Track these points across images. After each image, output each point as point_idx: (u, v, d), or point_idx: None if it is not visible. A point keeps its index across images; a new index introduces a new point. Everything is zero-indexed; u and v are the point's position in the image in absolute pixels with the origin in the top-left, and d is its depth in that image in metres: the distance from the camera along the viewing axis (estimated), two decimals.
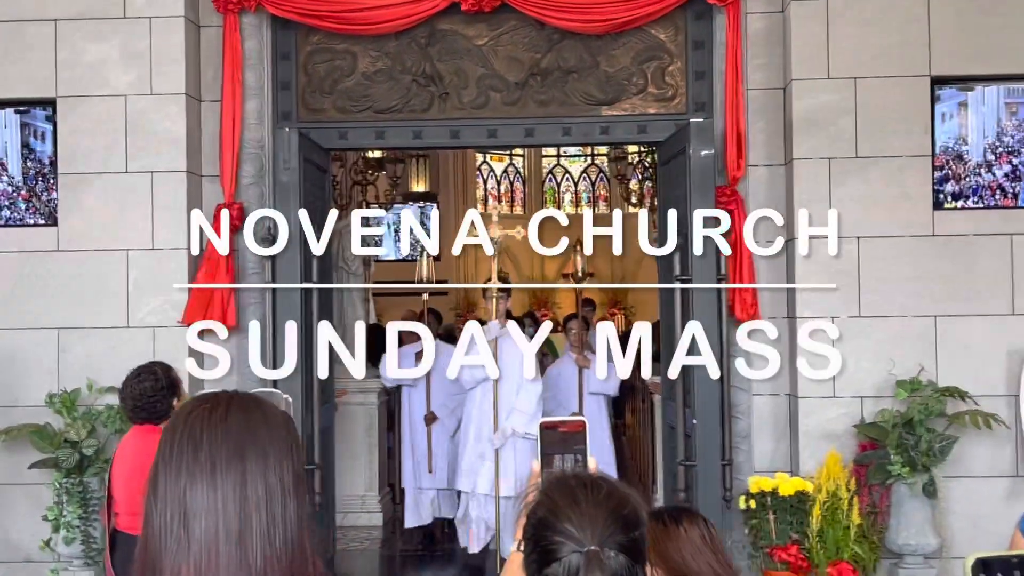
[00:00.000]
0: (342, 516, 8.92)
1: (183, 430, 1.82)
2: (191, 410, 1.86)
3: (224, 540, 1.74)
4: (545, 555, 1.91)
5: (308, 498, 1.87)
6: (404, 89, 7.76)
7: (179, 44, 7.31)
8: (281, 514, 1.78)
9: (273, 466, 1.80)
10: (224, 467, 1.77)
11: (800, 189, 7.06)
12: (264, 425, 1.84)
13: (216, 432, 1.80)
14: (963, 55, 7.06)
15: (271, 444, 1.82)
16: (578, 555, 1.89)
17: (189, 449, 1.79)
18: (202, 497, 1.76)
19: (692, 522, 2.82)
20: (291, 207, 7.24)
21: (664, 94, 7.68)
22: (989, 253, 7.03)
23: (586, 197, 23.42)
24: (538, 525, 1.95)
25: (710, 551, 2.78)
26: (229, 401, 1.86)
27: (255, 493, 1.77)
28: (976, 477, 6.97)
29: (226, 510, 1.75)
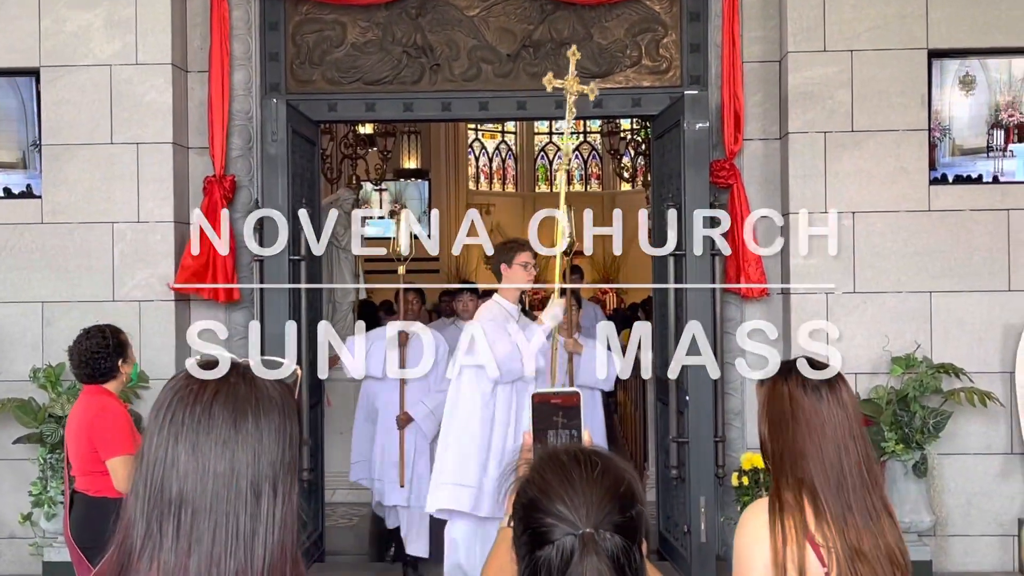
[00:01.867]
0: (331, 492, 8.85)
1: (167, 410, 1.68)
2: (177, 388, 1.71)
3: (196, 543, 1.61)
4: (536, 538, 1.83)
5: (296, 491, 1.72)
6: (394, 60, 7.64)
7: (165, 13, 7.19)
8: (264, 516, 1.64)
9: (259, 459, 1.65)
10: (205, 458, 1.63)
11: (795, 163, 6.98)
12: (253, 411, 1.68)
13: (199, 419, 1.65)
14: (961, 28, 6.97)
15: (258, 434, 1.67)
16: (572, 538, 1.81)
17: (171, 434, 1.65)
18: (179, 491, 1.62)
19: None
20: (279, 180, 7.14)
21: (658, 67, 7.58)
22: (985, 229, 6.96)
23: (579, 175, 23.33)
24: (529, 506, 1.87)
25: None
26: (219, 381, 1.70)
27: (236, 492, 1.63)
28: (970, 454, 6.92)
29: (201, 509, 1.62)
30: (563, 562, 1.79)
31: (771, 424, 2.77)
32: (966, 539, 6.92)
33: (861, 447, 2.71)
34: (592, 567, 1.79)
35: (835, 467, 2.66)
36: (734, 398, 7.22)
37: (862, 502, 2.66)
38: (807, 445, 2.68)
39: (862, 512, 2.65)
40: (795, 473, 2.69)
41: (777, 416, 2.75)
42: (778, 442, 2.74)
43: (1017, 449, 6.92)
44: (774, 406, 2.77)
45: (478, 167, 22.21)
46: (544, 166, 23.30)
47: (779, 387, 2.77)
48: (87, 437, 5.09)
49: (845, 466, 2.67)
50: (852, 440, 2.69)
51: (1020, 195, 6.98)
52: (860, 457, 2.69)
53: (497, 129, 22.28)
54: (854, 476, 2.67)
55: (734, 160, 7.18)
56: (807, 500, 2.66)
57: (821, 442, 2.68)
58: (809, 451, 2.68)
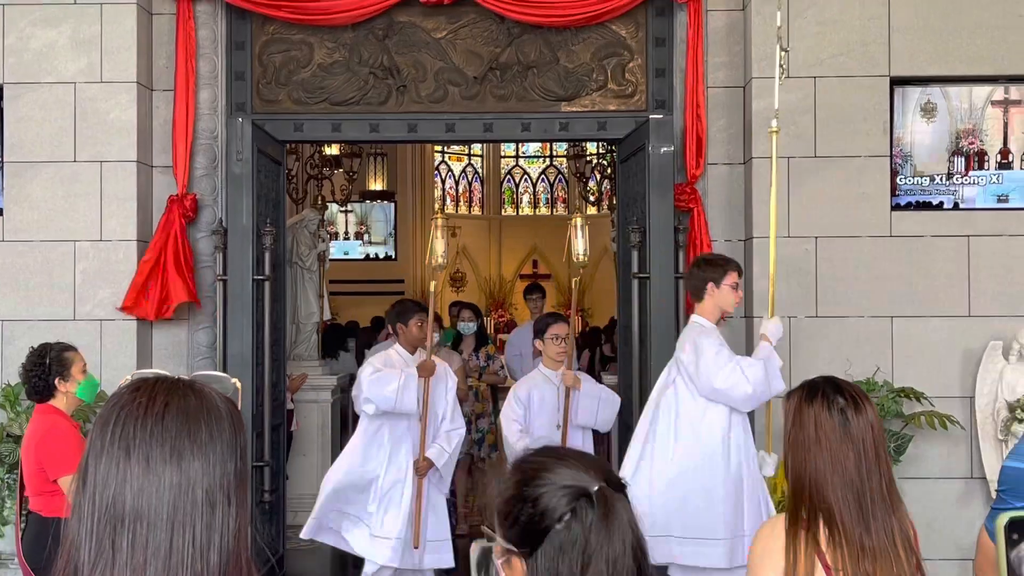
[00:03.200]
0: (293, 515, 8.78)
1: (115, 425, 1.65)
2: (124, 402, 1.68)
3: (152, 556, 1.59)
4: (545, 513, 1.75)
5: (250, 500, 1.71)
6: (361, 81, 7.65)
7: (131, 31, 7.17)
8: (219, 524, 1.63)
9: (213, 469, 1.64)
10: (159, 471, 1.61)
11: (758, 187, 7.02)
12: (205, 421, 1.66)
13: (151, 430, 1.63)
14: (922, 56, 7.06)
15: (212, 444, 1.65)
16: (588, 499, 1.74)
17: (120, 448, 1.62)
18: (132, 505, 1.60)
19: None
20: (243, 199, 7.11)
21: (624, 91, 7.63)
22: (946, 255, 7.03)
23: (545, 198, 23.39)
24: (531, 483, 1.79)
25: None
26: (167, 392, 1.68)
27: (191, 501, 1.61)
28: (931, 478, 6.97)
29: (157, 520, 1.60)
30: (585, 526, 1.73)
31: (794, 447, 2.78)
32: (927, 563, 6.94)
33: (885, 470, 2.73)
34: (617, 521, 1.74)
35: (857, 492, 2.68)
36: None
37: (881, 526, 2.68)
38: (830, 471, 2.69)
39: (879, 536, 2.67)
40: (815, 498, 2.71)
41: (801, 439, 2.76)
42: (800, 465, 2.76)
43: (977, 473, 6.97)
44: (798, 429, 2.77)
45: (444, 189, 22.22)
46: (510, 189, 23.35)
47: (804, 409, 2.78)
48: (35, 457, 5.06)
49: (868, 490, 2.68)
50: (876, 463, 2.71)
51: (980, 222, 7.06)
52: (883, 479, 2.71)
53: (464, 152, 22.31)
54: (876, 500, 2.68)
55: (695, 184, 7.22)
56: (823, 523, 2.68)
57: (844, 467, 2.69)
58: (831, 477, 2.69)
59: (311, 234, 9.94)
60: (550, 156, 23.11)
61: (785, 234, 6.97)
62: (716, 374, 5.46)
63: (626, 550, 1.74)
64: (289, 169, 12.10)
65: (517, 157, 23.25)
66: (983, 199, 7.14)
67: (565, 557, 1.73)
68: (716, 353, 5.51)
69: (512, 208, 23.34)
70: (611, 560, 1.73)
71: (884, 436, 2.80)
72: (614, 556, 1.73)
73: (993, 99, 7.16)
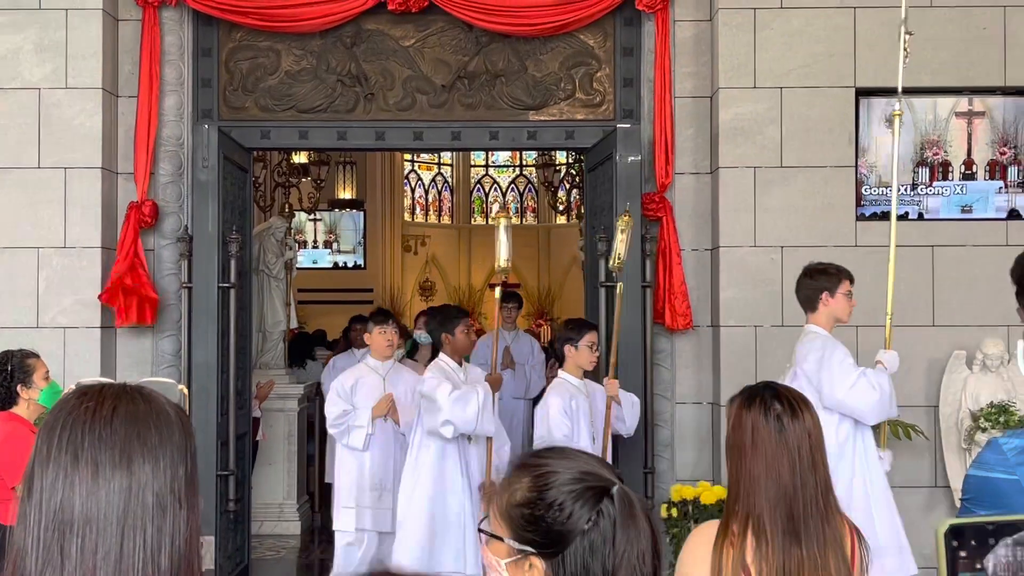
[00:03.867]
0: (259, 524, 8.74)
1: (62, 430, 1.62)
2: (71, 407, 1.65)
3: (102, 561, 1.56)
4: (571, 515, 1.75)
5: (200, 506, 1.70)
6: (329, 89, 7.63)
7: (96, 37, 7.12)
8: (169, 528, 1.61)
9: (164, 472, 1.62)
10: (108, 475, 1.59)
11: (725, 197, 7.05)
12: (154, 424, 1.64)
13: (99, 434, 1.61)
14: (888, 68, 7.09)
15: (162, 447, 1.63)
16: (609, 498, 1.75)
17: (68, 453, 1.60)
18: (81, 509, 1.58)
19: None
20: (209, 206, 7.08)
21: (592, 100, 7.64)
22: (910, 265, 7.07)
23: (515, 208, 23.40)
24: (549, 486, 1.79)
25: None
26: (116, 397, 1.66)
27: (141, 505, 1.59)
28: (896, 487, 6.98)
29: (107, 525, 1.58)
30: (611, 524, 1.74)
31: (731, 452, 2.79)
32: None
33: (821, 477, 2.73)
34: (637, 519, 1.76)
35: (788, 498, 2.68)
36: (663, 430, 7.25)
37: (813, 534, 2.67)
38: (763, 476, 2.70)
39: (810, 545, 2.67)
40: (746, 502, 2.71)
41: (737, 443, 2.77)
42: (736, 469, 2.77)
43: (941, 482, 7.01)
44: (736, 433, 2.78)
45: (414, 198, 22.19)
46: (480, 198, 23.34)
47: (742, 414, 2.79)
48: None
49: (800, 498, 2.68)
50: (811, 471, 2.71)
51: (945, 232, 7.11)
52: (819, 487, 2.71)
53: (433, 161, 22.29)
54: (809, 507, 2.68)
55: (665, 194, 7.24)
56: (751, 531, 2.68)
57: (779, 473, 2.69)
58: (764, 483, 2.69)
59: (278, 242, 9.90)
60: (520, 165, 23.11)
61: (751, 243, 7.00)
62: (842, 384, 5.42)
63: (648, 546, 1.78)
64: (256, 177, 12.06)
65: (487, 166, 23.24)
66: (947, 210, 7.19)
67: (597, 555, 1.74)
68: (841, 363, 5.49)
69: (482, 217, 23.33)
70: (641, 555, 1.76)
71: (822, 443, 2.79)
72: (641, 551, 1.76)
73: (957, 110, 7.22)
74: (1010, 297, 2.66)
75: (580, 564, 1.74)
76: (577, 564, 1.74)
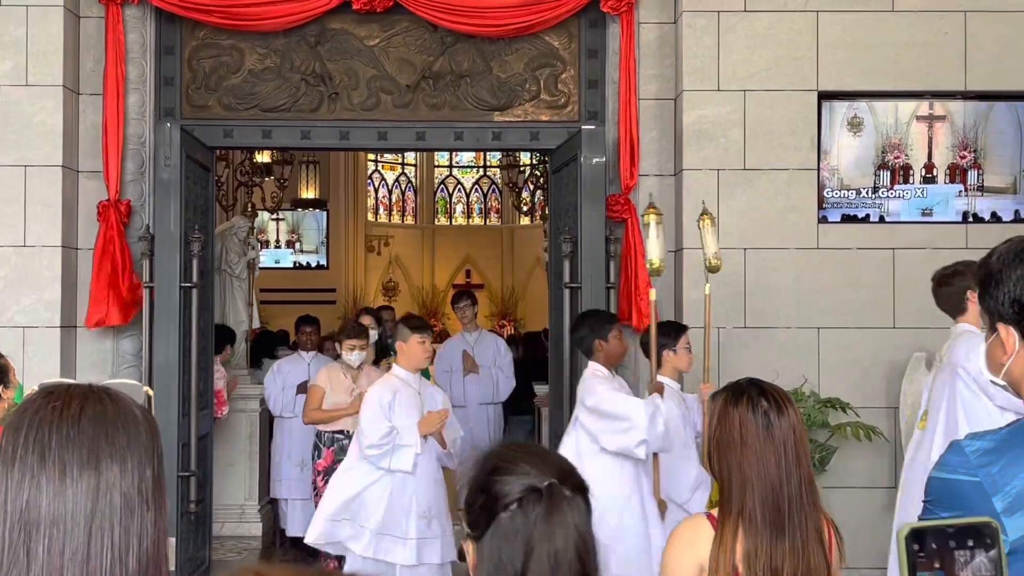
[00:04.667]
0: (220, 525, 8.68)
1: (28, 430, 1.61)
2: (38, 407, 1.64)
3: (69, 561, 1.56)
4: (496, 499, 1.83)
5: (167, 507, 1.70)
6: (292, 88, 7.60)
7: (57, 34, 7.05)
8: (137, 529, 1.60)
9: (131, 473, 1.62)
10: (75, 475, 1.58)
11: (689, 199, 7.08)
12: (122, 425, 1.64)
13: (66, 434, 1.60)
14: (850, 71, 7.17)
15: (129, 448, 1.63)
16: (537, 493, 1.81)
17: (35, 453, 1.59)
18: (48, 510, 1.57)
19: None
20: (171, 206, 7.02)
21: (557, 101, 7.65)
22: (871, 267, 7.14)
23: (478, 208, 23.40)
24: (491, 472, 1.88)
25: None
26: (83, 397, 1.66)
27: (109, 505, 1.59)
28: (856, 488, 7.06)
29: (75, 526, 1.57)
30: (530, 518, 1.79)
31: (719, 447, 2.85)
32: (852, 572, 7.04)
33: (804, 471, 2.81)
34: (561, 518, 1.80)
35: (776, 494, 2.76)
36: None
37: (796, 528, 2.76)
38: (752, 472, 2.77)
39: (794, 539, 2.76)
40: (739, 499, 2.79)
41: (725, 441, 2.83)
42: (725, 466, 2.83)
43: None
44: (723, 431, 2.85)
45: (377, 199, 22.14)
46: (444, 199, 23.32)
47: (729, 411, 2.85)
48: None
49: (786, 492, 2.77)
50: (796, 465, 2.79)
51: (905, 235, 7.18)
52: (803, 481, 2.79)
53: (397, 161, 22.25)
54: (794, 502, 2.77)
55: (629, 195, 7.26)
56: (743, 527, 2.76)
57: (767, 469, 2.77)
58: (753, 478, 2.77)
59: (240, 241, 9.85)
60: (484, 166, 23.12)
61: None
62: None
63: (568, 547, 1.79)
64: (219, 176, 11.99)
65: (451, 167, 23.23)
66: (908, 213, 7.26)
67: (508, 545, 1.79)
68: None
69: (445, 218, 23.32)
70: (552, 554, 1.78)
71: (806, 437, 2.89)
72: (554, 550, 1.78)
73: (918, 114, 7.29)
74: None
75: (495, 551, 1.80)
76: (492, 551, 1.81)
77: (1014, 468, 1.92)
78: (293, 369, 9.11)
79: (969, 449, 1.99)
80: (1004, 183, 7.29)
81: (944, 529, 1.55)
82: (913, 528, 1.54)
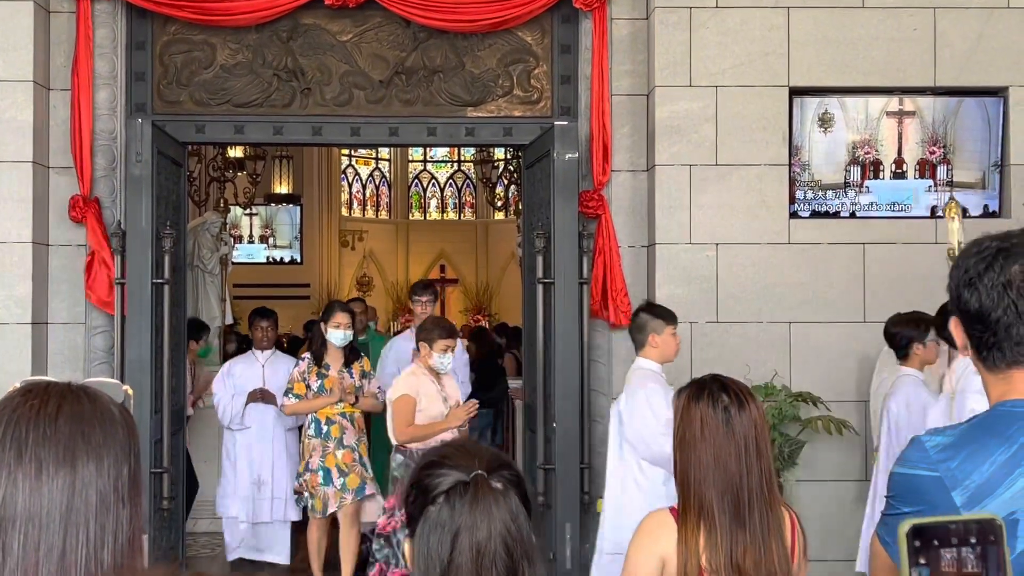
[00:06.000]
0: (193, 522, 8.66)
1: (6, 427, 1.63)
2: (16, 405, 1.66)
3: (45, 557, 1.57)
4: (426, 493, 1.84)
5: (143, 504, 1.71)
6: (265, 83, 7.58)
7: (28, 29, 7.01)
8: (113, 526, 1.62)
9: (107, 471, 1.63)
10: (52, 472, 1.59)
11: (661, 194, 7.11)
12: (99, 424, 1.65)
13: (43, 432, 1.62)
14: (821, 67, 7.21)
15: (106, 446, 1.64)
16: (464, 485, 1.82)
17: (12, 450, 1.61)
18: (23, 506, 1.58)
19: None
20: (143, 201, 6.99)
21: (529, 97, 7.66)
22: (842, 262, 7.18)
23: (452, 203, 23.40)
24: (424, 467, 1.90)
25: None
26: (61, 396, 1.67)
27: (84, 502, 1.60)
28: (826, 481, 7.11)
29: (50, 522, 1.58)
30: (456, 509, 1.81)
31: (681, 444, 2.88)
32: (823, 564, 7.08)
33: (765, 465, 2.84)
34: (485, 508, 1.81)
35: (735, 487, 2.79)
36: (600, 425, 7.28)
37: (757, 521, 2.79)
38: (711, 467, 2.80)
39: (754, 532, 2.78)
40: (697, 493, 2.81)
41: (687, 437, 2.86)
42: (686, 461, 2.86)
43: (871, 476, 7.12)
44: (684, 426, 2.87)
45: (351, 193, 22.10)
46: (418, 194, 23.30)
47: (690, 407, 2.88)
48: None
49: (746, 486, 2.79)
50: (757, 459, 2.82)
51: (875, 230, 7.23)
52: (763, 475, 2.82)
53: (371, 156, 22.22)
54: (754, 495, 2.80)
55: (602, 191, 7.29)
56: (704, 521, 2.79)
57: (726, 463, 2.80)
58: (712, 474, 2.80)
59: (213, 237, 9.82)
60: (458, 161, 23.12)
61: (686, 240, 7.07)
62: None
63: (492, 537, 1.80)
64: (191, 171, 11.94)
65: (425, 162, 23.22)
66: (878, 208, 7.31)
67: (434, 536, 1.81)
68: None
69: (420, 213, 23.31)
70: (475, 545, 1.79)
71: (767, 432, 2.91)
72: (478, 541, 1.79)
73: (888, 110, 7.34)
74: (939, 294, 2.73)
75: (424, 543, 1.82)
76: (422, 543, 1.82)
77: (973, 462, 1.95)
78: (246, 371, 8.09)
79: (929, 444, 2.01)
80: (973, 178, 7.35)
81: (946, 526, 1.57)
82: (914, 524, 1.55)
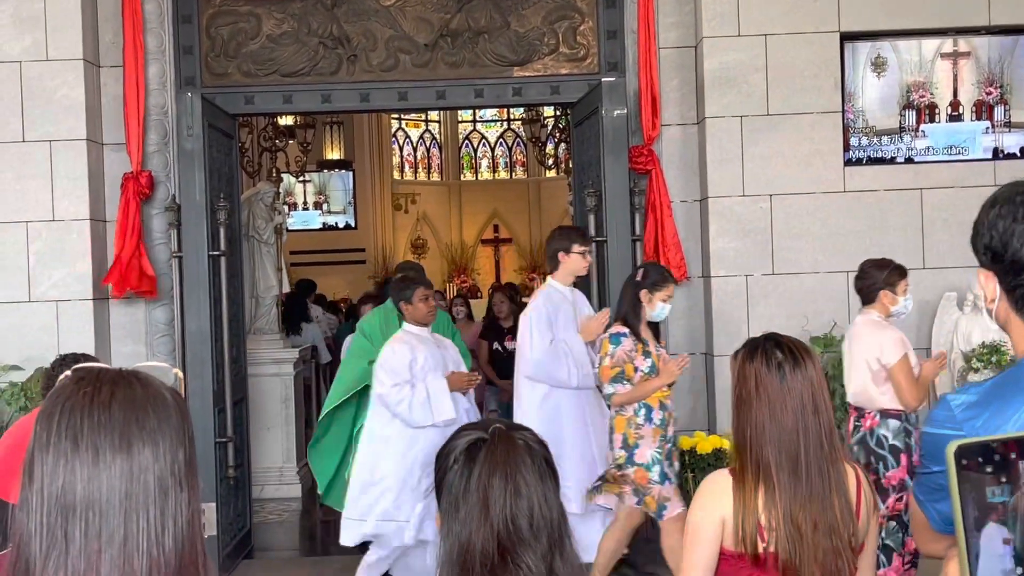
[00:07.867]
0: (259, 488, 8.79)
1: (60, 416, 1.63)
2: (69, 393, 1.66)
3: (107, 543, 1.58)
4: (446, 458, 1.91)
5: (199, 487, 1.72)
6: (311, 52, 7.58)
7: (75, 8, 7.05)
8: (172, 510, 1.63)
9: (163, 456, 1.64)
10: (109, 459, 1.60)
11: (712, 147, 7.05)
12: (152, 409, 1.66)
13: (98, 419, 1.62)
14: (871, 11, 7.08)
15: (160, 431, 1.65)
16: (481, 440, 1.89)
17: (68, 439, 1.61)
18: (83, 494, 1.59)
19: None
20: (195, 175, 7.06)
21: (576, 54, 7.60)
22: (899, 209, 7.08)
23: (504, 162, 23.36)
24: (445, 444, 1.98)
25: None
26: (113, 382, 1.67)
27: (143, 488, 1.61)
28: None
29: (110, 509, 1.59)
30: (476, 461, 1.88)
31: (737, 402, 2.88)
32: None
33: (825, 421, 2.82)
34: (503, 450, 1.87)
35: (793, 445, 2.77)
36: None
37: (817, 478, 2.77)
38: (768, 426, 2.79)
39: (813, 488, 2.77)
40: (754, 452, 2.80)
41: (743, 396, 2.86)
42: (742, 420, 2.86)
43: None
44: (740, 385, 2.87)
45: (402, 156, 22.13)
46: (469, 154, 23.28)
47: (745, 366, 2.87)
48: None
49: (803, 444, 2.77)
50: (815, 415, 2.80)
51: (932, 175, 7.12)
52: (822, 432, 2.80)
53: (421, 118, 22.21)
54: (812, 452, 2.78)
55: (652, 146, 7.22)
56: (762, 480, 2.78)
57: (782, 420, 2.78)
58: (769, 430, 2.78)
59: (267, 207, 9.88)
60: (507, 120, 23.04)
61: (740, 193, 7.00)
62: None
63: (505, 482, 1.86)
64: (242, 142, 12.01)
65: (474, 122, 23.17)
66: (935, 152, 7.19)
67: (454, 488, 1.89)
68: None
69: (471, 173, 23.30)
70: (483, 488, 1.86)
71: (826, 389, 2.87)
72: (483, 485, 1.86)
73: (942, 51, 7.20)
74: None
75: (447, 507, 1.89)
76: (444, 507, 1.90)
77: (997, 420, 1.93)
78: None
79: (955, 403, 2.00)
80: None
81: (988, 444, 1.59)
82: (960, 444, 1.59)
